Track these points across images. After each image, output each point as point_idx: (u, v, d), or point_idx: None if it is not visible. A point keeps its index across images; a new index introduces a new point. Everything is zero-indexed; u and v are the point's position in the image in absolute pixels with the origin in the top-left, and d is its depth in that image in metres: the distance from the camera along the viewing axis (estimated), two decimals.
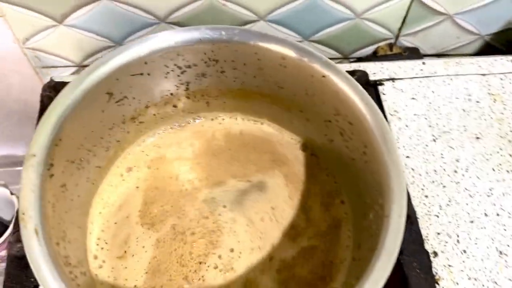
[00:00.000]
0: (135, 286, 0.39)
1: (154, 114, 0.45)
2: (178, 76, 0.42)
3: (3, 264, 0.72)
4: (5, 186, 0.73)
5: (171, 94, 0.44)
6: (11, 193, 0.71)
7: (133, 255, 0.40)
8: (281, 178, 0.45)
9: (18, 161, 0.89)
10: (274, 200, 0.43)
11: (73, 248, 0.35)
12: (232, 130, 0.47)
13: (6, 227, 0.69)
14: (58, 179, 0.34)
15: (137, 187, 0.43)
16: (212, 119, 0.47)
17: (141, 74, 0.39)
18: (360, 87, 0.36)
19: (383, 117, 0.34)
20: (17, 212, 0.61)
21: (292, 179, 0.45)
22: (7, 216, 0.75)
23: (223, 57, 0.41)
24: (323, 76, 0.38)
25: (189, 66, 0.41)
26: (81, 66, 0.67)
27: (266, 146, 0.47)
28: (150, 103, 0.43)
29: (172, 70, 0.41)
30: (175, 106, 0.46)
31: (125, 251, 0.40)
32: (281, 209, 0.43)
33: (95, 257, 0.39)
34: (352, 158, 0.40)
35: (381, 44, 0.68)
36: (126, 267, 0.39)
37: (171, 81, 0.42)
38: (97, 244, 0.39)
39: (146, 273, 0.39)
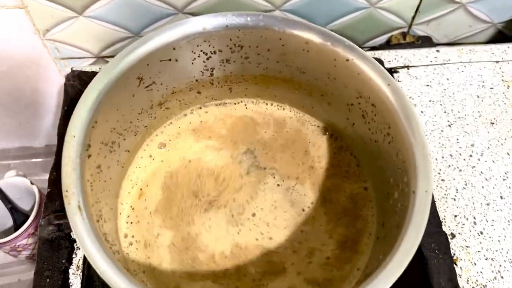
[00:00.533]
0: (164, 265, 0.40)
1: (179, 100, 0.46)
2: (204, 62, 0.43)
3: (25, 252, 0.73)
4: (25, 176, 0.75)
5: (196, 80, 0.45)
6: (31, 183, 0.72)
7: (159, 235, 0.41)
8: (303, 163, 0.47)
9: (35, 153, 0.91)
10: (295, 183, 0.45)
11: (108, 228, 0.37)
12: (255, 115, 0.49)
13: (26, 217, 0.70)
14: (94, 160, 0.36)
15: (163, 169, 0.44)
16: (235, 104, 0.48)
17: (169, 60, 0.41)
18: (383, 68, 0.37)
19: (406, 96, 0.35)
20: (39, 201, 0.61)
21: (314, 163, 0.46)
22: (26, 206, 0.77)
23: (248, 42, 0.42)
24: (347, 60, 0.39)
25: (214, 52, 0.42)
26: (99, 57, 0.68)
27: (288, 131, 0.48)
28: (176, 89, 0.45)
29: (198, 56, 0.42)
30: (199, 92, 0.47)
31: (154, 232, 0.41)
32: (302, 192, 0.44)
33: (125, 236, 0.40)
34: (375, 140, 0.41)
35: (395, 33, 0.69)
36: (155, 246, 0.40)
37: (197, 67, 0.43)
38: (127, 222, 0.41)
39: (174, 248, 0.40)
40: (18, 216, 0.76)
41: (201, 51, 0.42)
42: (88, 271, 0.50)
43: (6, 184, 0.73)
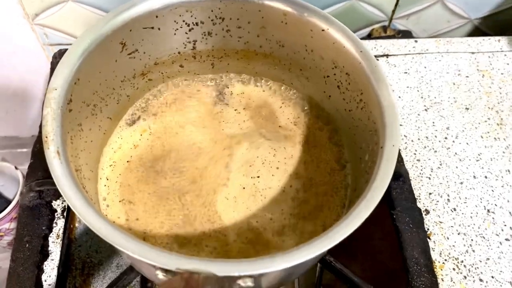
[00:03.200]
0: (144, 229, 0.41)
1: (161, 73, 0.48)
2: (186, 33, 0.45)
3: (7, 238, 0.73)
4: (8, 162, 0.75)
5: (179, 52, 0.46)
6: (16, 168, 0.72)
7: (140, 200, 0.42)
8: (283, 136, 0.48)
9: (21, 143, 0.91)
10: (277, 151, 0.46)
11: (88, 186, 0.38)
12: (236, 91, 0.50)
13: (9, 203, 0.70)
14: (75, 117, 0.37)
15: (143, 139, 0.45)
16: (216, 80, 0.50)
17: (152, 28, 0.42)
18: (356, 37, 0.39)
19: (375, 60, 0.37)
20: (22, 186, 0.60)
21: (293, 136, 0.48)
22: (10, 193, 0.76)
23: (229, 14, 0.43)
24: (322, 30, 0.41)
25: (196, 24, 0.44)
26: None
27: (267, 105, 0.49)
28: (159, 60, 0.46)
29: (180, 27, 0.44)
30: (181, 66, 0.48)
31: (132, 195, 0.42)
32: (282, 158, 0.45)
33: (104, 199, 0.41)
34: (349, 109, 0.43)
35: (376, 26, 0.72)
36: (133, 209, 0.41)
37: (180, 38, 0.45)
38: (105, 185, 0.42)
39: (154, 212, 0.41)
40: (1, 202, 0.76)
41: (184, 21, 0.43)
42: (69, 242, 0.51)
43: None
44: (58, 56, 0.57)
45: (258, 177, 0.44)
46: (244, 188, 0.43)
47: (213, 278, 0.26)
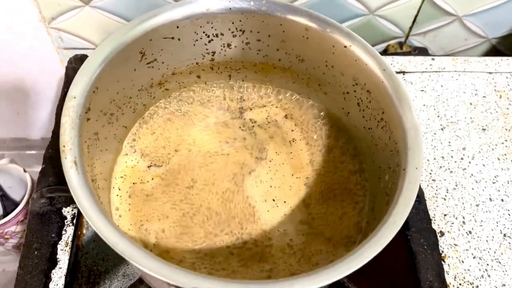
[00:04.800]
0: (155, 237, 0.40)
1: (179, 83, 0.47)
2: (205, 44, 0.44)
3: (12, 240, 0.73)
4: (16, 163, 0.75)
5: (197, 63, 0.46)
6: (24, 171, 0.72)
7: (151, 210, 0.41)
8: (298, 149, 0.47)
9: (30, 145, 0.91)
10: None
11: (102, 195, 0.37)
12: (252, 102, 0.49)
13: (17, 206, 0.70)
14: (93, 126, 0.36)
15: (155, 145, 0.45)
16: (233, 91, 0.49)
17: (172, 38, 0.42)
18: (379, 55, 0.39)
19: (400, 79, 0.37)
20: (30, 189, 0.60)
21: (308, 150, 0.47)
22: (17, 195, 0.76)
23: (249, 27, 0.43)
24: (345, 46, 0.40)
25: (216, 35, 0.44)
26: None
27: (284, 118, 0.49)
28: (177, 70, 0.45)
29: (200, 38, 0.43)
30: (198, 76, 0.48)
31: (143, 205, 0.42)
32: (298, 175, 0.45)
33: (117, 209, 0.40)
34: (369, 128, 0.42)
35: (392, 42, 0.71)
36: (144, 219, 0.41)
37: (198, 49, 0.45)
38: (118, 195, 0.41)
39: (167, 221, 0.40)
40: (9, 204, 0.76)
41: (204, 32, 0.43)
42: (76, 249, 0.51)
43: None
44: (73, 62, 0.56)
45: (275, 195, 0.43)
46: (259, 202, 0.42)
47: None
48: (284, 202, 0.43)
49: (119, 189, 0.42)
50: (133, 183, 0.43)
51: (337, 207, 0.43)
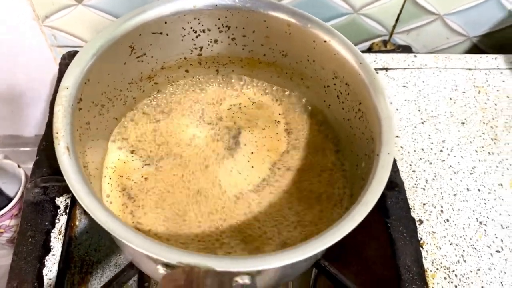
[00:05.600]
0: (144, 223, 0.42)
1: (167, 77, 0.49)
2: (193, 40, 0.46)
3: (7, 234, 0.74)
4: (10, 159, 0.76)
5: (185, 58, 0.48)
6: (18, 166, 0.74)
7: (141, 199, 0.43)
8: (282, 140, 0.49)
9: (24, 142, 0.92)
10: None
11: (93, 182, 0.39)
12: (239, 95, 0.52)
13: (10, 201, 0.71)
14: (84, 116, 0.38)
15: (145, 137, 0.47)
16: (220, 84, 0.51)
17: (161, 33, 0.44)
18: (356, 49, 0.41)
19: (374, 71, 0.39)
20: (24, 184, 0.61)
21: (291, 141, 0.49)
22: (11, 191, 0.77)
23: (235, 23, 0.45)
24: (325, 41, 0.42)
25: (203, 31, 0.46)
26: None
27: (269, 110, 0.51)
28: (165, 65, 0.47)
29: (188, 33, 0.45)
30: (187, 71, 0.50)
31: (134, 192, 0.43)
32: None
33: (107, 196, 0.42)
34: (348, 119, 0.44)
35: (376, 40, 0.73)
36: (134, 207, 0.43)
37: (186, 44, 0.47)
38: (109, 183, 0.43)
39: (156, 207, 0.42)
40: (3, 199, 0.77)
41: (191, 28, 0.45)
42: (69, 239, 0.52)
43: None
44: (66, 58, 0.58)
45: (261, 183, 0.45)
46: (243, 200, 0.44)
47: (213, 272, 0.28)
48: (270, 193, 0.45)
49: (110, 178, 0.44)
50: (122, 173, 0.44)
51: (319, 199, 0.45)
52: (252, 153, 0.47)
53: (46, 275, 0.46)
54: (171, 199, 0.43)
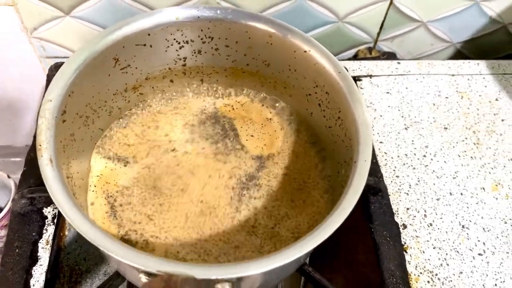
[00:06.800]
0: (135, 235, 0.43)
1: (153, 87, 0.50)
2: (177, 51, 0.47)
3: None
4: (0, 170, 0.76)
5: (169, 68, 0.49)
6: (8, 177, 0.74)
7: (126, 207, 0.44)
8: (268, 148, 0.50)
9: (14, 152, 0.92)
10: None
11: (77, 193, 0.39)
12: (223, 104, 0.52)
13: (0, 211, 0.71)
14: (69, 127, 0.39)
15: (131, 146, 0.48)
16: (205, 94, 0.52)
17: (144, 45, 0.44)
18: (335, 59, 0.42)
19: (352, 80, 0.40)
20: (14, 194, 0.61)
21: (276, 149, 0.50)
22: (1, 202, 0.77)
23: (217, 34, 0.46)
24: (305, 51, 0.43)
25: (187, 42, 0.47)
26: None
27: (255, 119, 0.52)
28: (150, 76, 0.48)
29: (171, 45, 0.46)
30: (171, 81, 0.51)
31: (118, 201, 0.44)
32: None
33: (92, 203, 0.43)
34: (329, 126, 0.45)
35: (361, 47, 0.75)
36: (119, 215, 0.43)
37: (170, 55, 0.47)
38: (93, 191, 0.44)
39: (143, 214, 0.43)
40: None
41: (174, 39, 0.46)
42: (58, 249, 0.53)
43: None
44: (54, 69, 0.59)
45: (244, 188, 0.46)
46: (228, 204, 0.45)
47: (191, 280, 0.28)
48: (254, 199, 0.46)
49: (95, 186, 0.44)
50: (107, 181, 0.45)
51: (304, 206, 0.46)
52: (236, 160, 0.48)
53: (33, 286, 0.46)
54: (158, 206, 0.44)
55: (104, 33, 0.41)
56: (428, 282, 0.49)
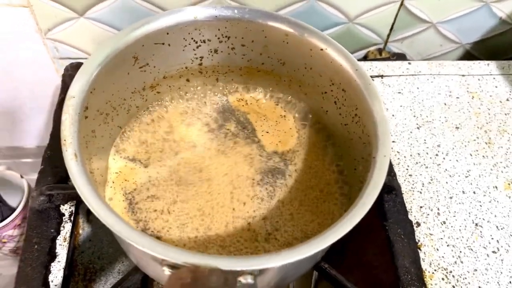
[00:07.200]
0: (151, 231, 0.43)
1: (169, 86, 0.51)
2: (194, 50, 0.48)
3: (9, 244, 0.75)
4: (12, 170, 0.77)
5: (186, 67, 0.50)
6: (21, 176, 0.75)
7: (143, 203, 0.45)
8: (283, 147, 0.51)
9: (25, 153, 0.93)
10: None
11: (98, 189, 0.40)
12: (239, 102, 0.53)
13: (13, 211, 0.72)
14: (90, 124, 0.40)
15: (149, 144, 0.48)
16: (221, 92, 0.53)
17: (163, 44, 0.45)
18: (352, 56, 0.42)
19: (369, 77, 0.40)
20: (27, 194, 0.61)
21: (292, 147, 0.51)
22: (14, 201, 0.78)
23: (234, 33, 0.47)
24: (321, 49, 0.44)
25: (204, 41, 0.47)
26: None
27: (270, 117, 0.52)
28: (167, 74, 0.49)
29: (189, 44, 0.47)
30: (188, 80, 0.51)
31: (135, 197, 0.45)
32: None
33: (110, 199, 0.44)
34: (345, 124, 0.46)
35: (371, 48, 0.75)
36: (136, 211, 0.44)
37: (187, 55, 0.48)
38: (111, 187, 0.44)
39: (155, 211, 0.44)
40: (5, 210, 0.78)
41: (192, 38, 0.46)
42: (73, 248, 0.53)
43: None
44: (69, 69, 0.60)
45: (262, 184, 0.46)
46: (246, 200, 0.45)
47: (218, 271, 0.29)
48: (271, 199, 0.46)
49: (113, 182, 0.45)
50: (126, 178, 0.46)
51: (320, 204, 0.46)
52: (252, 156, 0.48)
53: (52, 281, 0.47)
54: (176, 202, 0.44)
55: (124, 32, 0.42)
56: (443, 279, 0.50)
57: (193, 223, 0.43)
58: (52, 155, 0.53)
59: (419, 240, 0.52)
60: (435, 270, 0.50)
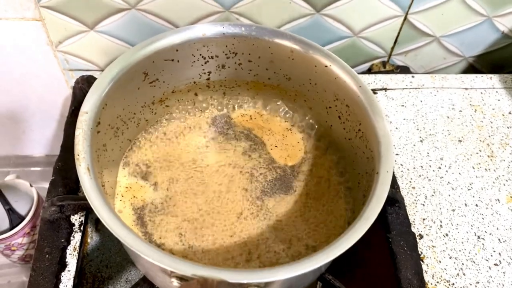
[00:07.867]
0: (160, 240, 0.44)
1: (178, 100, 0.52)
2: (202, 65, 0.49)
3: (18, 252, 0.76)
4: (22, 178, 0.78)
5: (194, 82, 0.51)
6: (31, 185, 0.76)
7: (152, 215, 0.46)
8: (289, 162, 0.52)
9: (35, 162, 0.95)
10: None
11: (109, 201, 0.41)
12: (244, 117, 0.54)
13: (23, 219, 0.73)
14: (102, 138, 0.41)
15: (157, 158, 0.50)
16: (227, 106, 0.54)
17: (172, 60, 0.47)
18: (355, 73, 0.44)
19: (372, 94, 0.42)
20: (36, 202, 0.62)
21: (297, 161, 0.52)
22: (23, 210, 0.79)
23: (241, 50, 0.48)
24: (326, 66, 0.45)
25: (212, 57, 0.49)
26: None
27: (276, 131, 0.54)
28: (176, 89, 0.50)
29: (197, 60, 0.48)
30: (196, 94, 0.53)
31: (144, 210, 0.46)
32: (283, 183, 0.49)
33: (120, 211, 0.45)
34: (349, 138, 0.47)
35: (375, 61, 0.76)
36: (145, 223, 0.45)
37: (196, 70, 0.49)
38: (121, 200, 0.46)
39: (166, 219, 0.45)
40: (15, 218, 0.79)
41: (200, 55, 0.48)
42: (82, 257, 0.54)
43: (5, 186, 0.75)
44: (80, 82, 0.61)
45: (264, 201, 0.47)
46: (255, 213, 0.47)
47: (225, 283, 0.30)
48: (277, 212, 0.47)
49: (122, 196, 0.46)
50: (134, 196, 0.47)
51: (324, 217, 0.47)
52: (260, 173, 0.49)
53: None
54: (184, 220, 0.45)
55: (135, 49, 0.43)
56: None
57: (203, 238, 0.44)
58: (63, 166, 0.54)
59: (421, 252, 0.53)
60: (437, 282, 0.51)
